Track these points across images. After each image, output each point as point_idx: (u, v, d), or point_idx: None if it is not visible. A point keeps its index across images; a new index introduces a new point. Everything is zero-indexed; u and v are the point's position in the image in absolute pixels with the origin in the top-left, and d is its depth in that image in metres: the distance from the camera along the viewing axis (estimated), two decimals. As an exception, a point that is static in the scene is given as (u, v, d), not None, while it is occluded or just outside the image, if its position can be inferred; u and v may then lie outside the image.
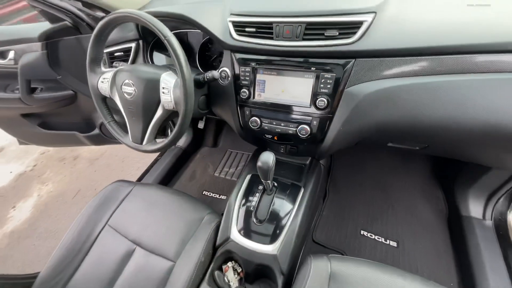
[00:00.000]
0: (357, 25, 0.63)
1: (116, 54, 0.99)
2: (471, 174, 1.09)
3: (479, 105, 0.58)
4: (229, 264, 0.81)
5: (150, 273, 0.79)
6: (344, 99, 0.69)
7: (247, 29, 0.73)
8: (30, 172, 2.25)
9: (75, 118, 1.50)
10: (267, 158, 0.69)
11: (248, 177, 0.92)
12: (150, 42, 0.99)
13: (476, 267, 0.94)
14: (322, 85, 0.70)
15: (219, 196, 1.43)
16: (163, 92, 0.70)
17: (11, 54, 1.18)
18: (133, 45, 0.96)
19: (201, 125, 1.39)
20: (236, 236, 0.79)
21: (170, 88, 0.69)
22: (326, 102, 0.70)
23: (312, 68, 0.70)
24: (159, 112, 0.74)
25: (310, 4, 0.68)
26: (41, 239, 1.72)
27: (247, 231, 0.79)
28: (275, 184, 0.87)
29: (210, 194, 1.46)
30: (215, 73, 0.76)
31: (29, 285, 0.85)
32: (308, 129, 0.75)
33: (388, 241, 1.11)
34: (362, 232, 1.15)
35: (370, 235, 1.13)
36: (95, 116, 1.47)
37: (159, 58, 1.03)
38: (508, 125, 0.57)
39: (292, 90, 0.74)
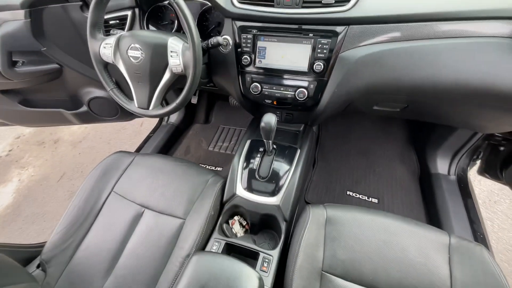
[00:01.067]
0: None
1: (111, 22, 0.98)
2: (439, 137, 1.26)
3: (450, 66, 0.69)
4: (236, 218, 0.89)
5: (162, 231, 0.84)
6: (339, 63, 0.77)
7: (248, -3, 0.77)
8: (6, 157, 2.13)
9: (60, 94, 1.44)
10: (270, 118, 0.76)
11: (248, 142, 0.99)
12: (146, 11, 0.99)
13: (442, 214, 1.12)
14: (319, 50, 0.77)
15: (215, 168, 1.49)
16: (171, 56, 0.73)
17: (-13, 23, 1.10)
18: (129, 13, 0.95)
19: (194, 100, 1.41)
20: (241, 192, 0.87)
21: (179, 51, 0.72)
22: (322, 66, 0.78)
23: (310, 35, 0.77)
24: (166, 76, 0.77)
25: None
26: (28, 223, 1.68)
27: (251, 187, 0.87)
28: (274, 147, 0.95)
29: (206, 166, 1.51)
30: (219, 39, 0.79)
31: (35, 254, 0.86)
32: (306, 92, 0.83)
33: (370, 198, 1.26)
34: (348, 192, 1.29)
35: (355, 195, 1.28)
36: (83, 92, 1.43)
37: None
38: (473, 81, 0.68)
39: (291, 56, 0.81)
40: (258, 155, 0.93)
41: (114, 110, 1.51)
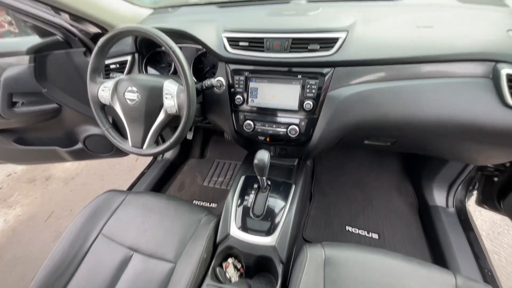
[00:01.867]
0: (334, 40, 0.76)
1: (112, 66, 1.03)
2: (433, 168, 1.27)
3: (429, 103, 0.73)
4: (229, 260, 0.84)
5: (150, 277, 0.79)
6: (327, 102, 0.80)
7: (240, 43, 0.83)
8: (-5, 196, 2.06)
9: (56, 132, 1.45)
10: (263, 155, 0.77)
11: (243, 178, 0.98)
12: (145, 56, 1.05)
13: (446, 250, 1.07)
14: (308, 90, 0.81)
15: (210, 204, 1.45)
16: (166, 98, 0.76)
17: (-7, 68, 1.16)
18: (129, 58, 1.01)
19: (189, 136, 1.43)
20: (235, 232, 0.83)
21: (174, 93, 0.75)
22: (312, 105, 0.81)
23: (298, 76, 0.81)
24: (161, 117, 0.79)
25: (295, 22, 0.82)
26: (9, 266, 1.57)
27: (245, 227, 0.84)
28: (269, 183, 0.94)
29: (201, 203, 1.47)
30: (213, 81, 0.84)
31: None
32: (297, 129, 0.85)
33: (370, 234, 1.21)
34: (347, 228, 1.25)
35: (355, 230, 1.23)
36: (79, 130, 1.45)
37: (151, 72, 1.09)
38: (455, 118, 0.72)
39: (282, 95, 0.85)
40: (253, 192, 0.91)
41: (109, 147, 1.51)
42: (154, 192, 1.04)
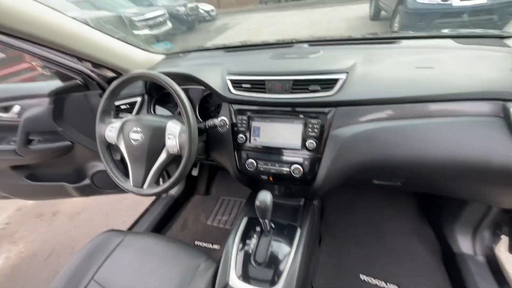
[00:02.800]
0: (334, 81, 0.78)
1: (122, 107, 1.09)
2: (453, 210, 1.16)
3: (438, 143, 0.69)
4: (228, 316, 0.75)
5: (140, 334, 0.71)
6: (330, 141, 0.79)
7: (243, 85, 0.86)
8: (2, 231, 2.06)
9: (66, 168, 1.49)
10: (265, 196, 0.73)
11: (245, 220, 0.93)
12: (154, 97, 1.11)
13: None
14: (310, 130, 0.80)
15: (213, 245, 1.37)
16: (168, 138, 0.77)
17: (15, 109, 1.25)
18: (138, 99, 1.07)
19: (195, 172, 1.42)
20: (235, 282, 0.76)
21: (176, 134, 0.77)
22: (315, 144, 0.80)
23: (300, 116, 0.82)
24: (162, 156, 0.79)
25: (297, 65, 0.85)
26: (0, 312, 1.48)
27: (246, 276, 0.77)
28: (272, 226, 0.88)
29: (203, 244, 1.39)
30: (216, 121, 0.85)
31: None
32: (301, 168, 0.83)
33: (388, 284, 1.08)
34: (361, 276, 1.12)
35: (370, 279, 1.10)
36: (88, 166, 1.48)
37: (160, 111, 1.14)
38: (467, 158, 0.67)
39: (284, 134, 0.84)
40: (255, 236, 0.85)
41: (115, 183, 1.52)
42: (154, 233, 1.00)
